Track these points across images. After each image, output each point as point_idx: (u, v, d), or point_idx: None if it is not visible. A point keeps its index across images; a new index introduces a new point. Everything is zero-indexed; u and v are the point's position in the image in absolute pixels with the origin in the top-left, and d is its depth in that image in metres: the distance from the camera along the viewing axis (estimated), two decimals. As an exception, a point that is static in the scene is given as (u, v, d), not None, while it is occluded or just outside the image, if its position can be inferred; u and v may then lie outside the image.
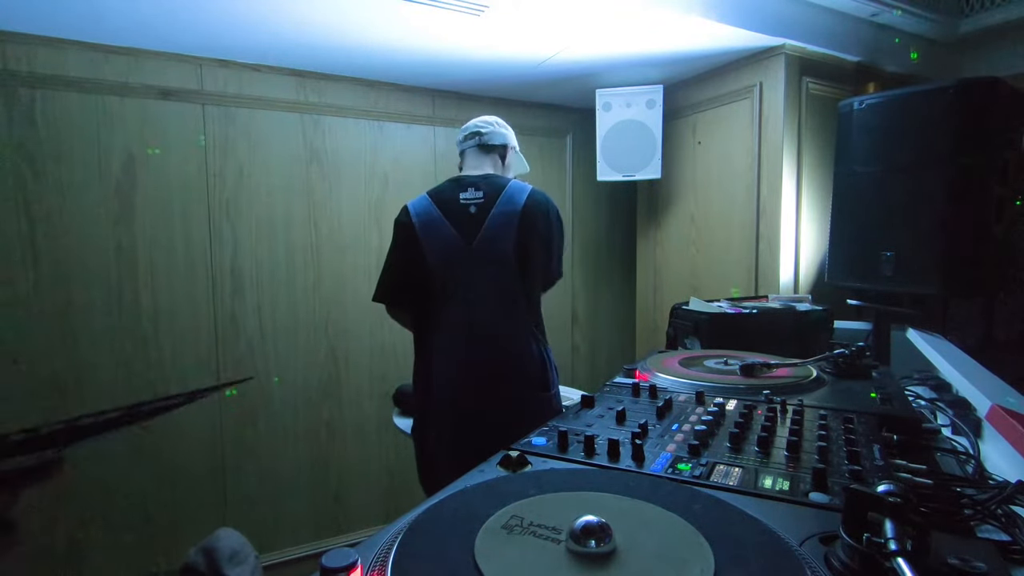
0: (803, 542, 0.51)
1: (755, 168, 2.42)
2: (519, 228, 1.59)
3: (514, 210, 1.60)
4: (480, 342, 1.59)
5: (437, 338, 1.63)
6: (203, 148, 2.26)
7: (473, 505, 0.56)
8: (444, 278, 1.61)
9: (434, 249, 1.61)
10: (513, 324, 1.61)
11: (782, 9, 2.17)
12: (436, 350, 1.63)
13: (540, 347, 1.65)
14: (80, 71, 2.04)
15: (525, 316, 1.62)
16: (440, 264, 1.61)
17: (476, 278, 1.60)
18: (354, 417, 2.62)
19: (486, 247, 1.60)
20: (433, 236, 1.62)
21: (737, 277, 2.53)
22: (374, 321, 2.64)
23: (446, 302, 1.61)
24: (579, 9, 1.90)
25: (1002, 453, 0.87)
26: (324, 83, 2.48)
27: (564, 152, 3.16)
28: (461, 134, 1.79)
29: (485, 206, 1.62)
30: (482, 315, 1.59)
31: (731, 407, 0.92)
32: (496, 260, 1.60)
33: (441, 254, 1.61)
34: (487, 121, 1.79)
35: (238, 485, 2.37)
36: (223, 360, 2.33)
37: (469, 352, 1.59)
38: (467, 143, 1.77)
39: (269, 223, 2.41)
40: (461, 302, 1.60)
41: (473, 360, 1.59)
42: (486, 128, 1.77)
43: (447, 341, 1.61)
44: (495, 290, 1.60)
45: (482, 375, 1.59)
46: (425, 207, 1.65)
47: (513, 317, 1.61)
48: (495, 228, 1.60)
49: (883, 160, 1.84)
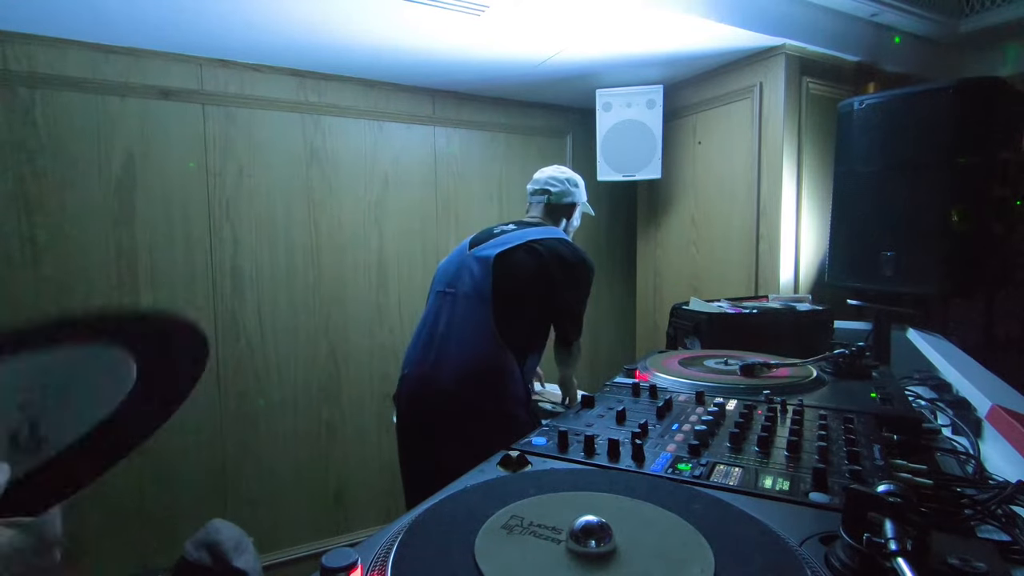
0: (803, 542, 0.51)
1: (755, 168, 2.42)
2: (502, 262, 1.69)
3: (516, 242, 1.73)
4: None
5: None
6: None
7: (473, 505, 0.56)
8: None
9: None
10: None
11: (782, 9, 2.17)
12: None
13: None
14: (80, 71, 2.04)
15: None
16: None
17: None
18: (354, 417, 2.62)
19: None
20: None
21: (737, 277, 2.53)
22: (374, 321, 2.65)
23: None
24: (579, 9, 1.90)
25: (1002, 453, 0.87)
26: (324, 83, 2.48)
27: (564, 152, 3.16)
28: (532, 186, 1.95)
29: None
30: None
31: (731, 407, 0.92)
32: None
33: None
34: (557, 179, 1.92)
35: (238, 485, 2.37)
36: (223, 360, 2.33)
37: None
38: (539, 198, 1.92)
39: (269, 223, 2.41)
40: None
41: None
42: (556, 187, 1.90)
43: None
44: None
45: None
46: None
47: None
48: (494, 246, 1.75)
49: (883, 160, 1.84)
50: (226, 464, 2.34)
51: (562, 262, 1.70)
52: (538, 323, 1.74)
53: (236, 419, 2.36)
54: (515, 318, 1.66)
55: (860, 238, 1.91)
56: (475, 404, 1.59)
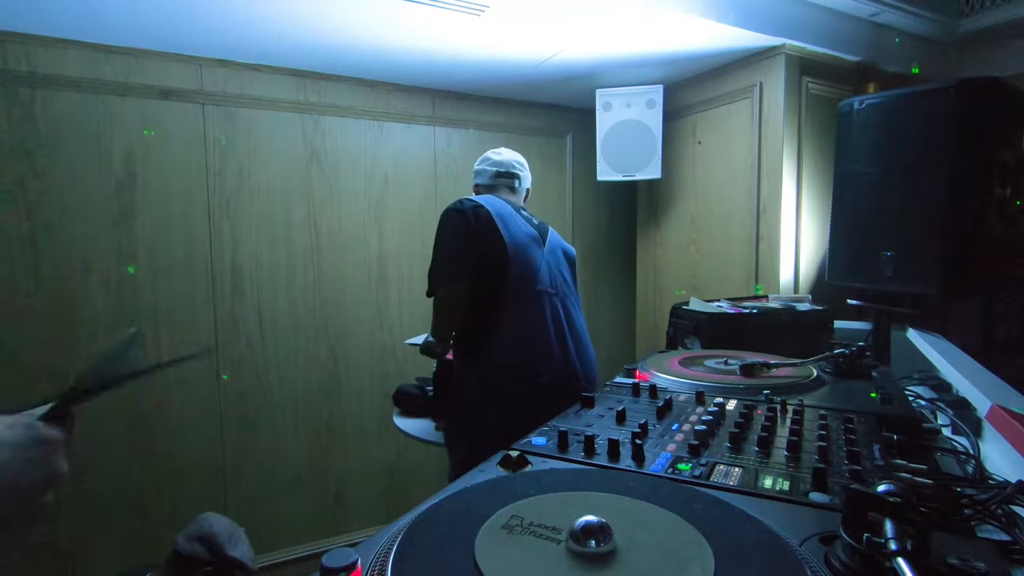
0: (803, 542, 0.51)
1: (755, 168, 2.42)
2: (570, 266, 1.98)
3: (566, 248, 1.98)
4: (567, 326, 1.88)
5: (523, 317, 1.81)
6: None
7: (473, 505, 0.56)
8: (524, 265, 1.82)
9: (513, 236, 1.77)
10: (580, 316, 1.95)
11: (782, 9, 2.17)
12: (525, 328, 1.82)
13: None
14: (80, 71, 2.04)
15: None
16: (517, 251, 1.77)
17: (551, 272, 1.89)
18: (354, 417, 2.62)
19: (554, 249, 1.91)
20: (512, 224, 1.78)
21: (737, 277, 2.53)
22: (374, 321, 2.65)
23: (527, 287, 1.83)
24: (579, 9, 1.90)
25: (1002, 453, 0.87)
26: (324, 83, 2.48)
27: (564, 152, 3.16)
28: (491, 167, 1.93)
29: (543, 228, 1.91)
30: (562, 304, 1.88)
31: (731, 407, 0.92)
32: (561, 262, 1.93)
33: (518, 242, 1.77)
34: (522, 163, 1.98)
35: (238, 485, 2.37)
36: (223, 360, 2.33)
37: (560, 333, 1.86)
38: (513, 182, 1.94)
39: (269, 223, 2.41)
40: (542, 289, 1.86)
41: (566, 341, 1.86)
42: (522, 171, 1.97)
43: (534, 320, 1.83)
44: (563, 284, 1.92)
45: (575, 355, 1.88)
46: (493, 201, 1.79)
47: (579, 309, 1.96)
48: (554, 245, 1.94)
49: (883, 160, 1.84)
50: (226, 464, 2.35)
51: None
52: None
53: (236, 419, 2.36)
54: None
55: (860, 238, 1.91)
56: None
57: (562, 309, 1.81)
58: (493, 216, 1.72)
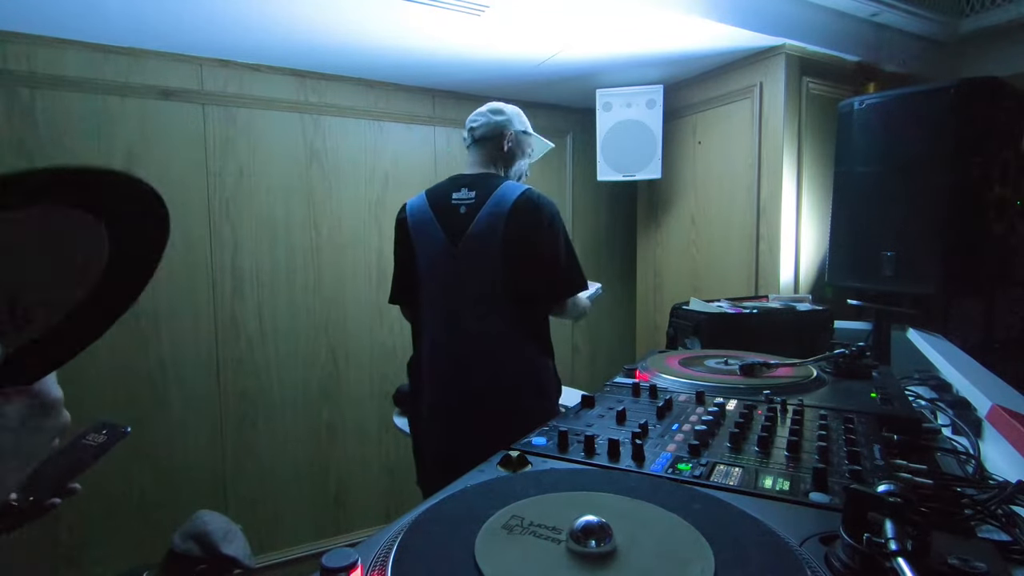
0: (803, 542, 0.51)
1: (755, 168, 2.42)
2: (506, 229, 1.51)
3: (501, 211, 1.54)
4: (462, 345, 1.56)
5: (425, 338, 1.63)
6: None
7: (473, 505, 0.56)
8: (429, 278, 1.61)
9: (423, 249, 1.61)
10: (498, 327, 1.54)
11: (782, 9, 2.17)
12: (424, 350, 1.63)
13: (534, 355, 1.58)
14: (80, 71, 2.04)
15: (513, 320, 1.55)
16: (426, 264, 1.61)
17: (460, 280, 1.56)
18: (354, 417, 2.62)
19: (472, 248, 1.55)
20: (423, 235, 1.61)
21: (737, 277, 2.53)
22: (374, 321, 2.64)
23: (431, 303, 1.61)
24: (579, 9, 1.90)
25: (1002, 453, 0.87)
26: (324, 83, 2.48)
27: (564, 152, 3.16)
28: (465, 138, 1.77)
29: (475, 206, 1.56)
30: (466, 319, 1.55)
31: (731, 407, 0.92)
32: (480, 262, 1.54)
33: (427, 254, 1.60)
34: (480, 112, 1.71)
35: (238, 485, 2.37)
36: (223, 360, 2.33)
37: (452, 355, 1.57)
38: (465, 141, 1.76)
39: (269, 223, 2.41)
40: (444, 303, 1.59)
41: (457, 363, 1.56)
42: (477, 121, 1.70)
43: (430, 342, 1.61)
44: (478, 292, 1.55)
45: (465, 378, 1.56)
46: (420, 206, 1.65)
47: (497, 321, 1.54)
48: (481, 229, 1.54)
49: (883, 160, 1.84)
50: (226, 464, 2.34)
51: (536, 219, 1.59)
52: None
53: (236, 419, 2.36)
54: (534, 296, 1.65)
55: (860, 238, 1.91)
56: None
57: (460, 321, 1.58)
58: (409, 227, 1.64)
